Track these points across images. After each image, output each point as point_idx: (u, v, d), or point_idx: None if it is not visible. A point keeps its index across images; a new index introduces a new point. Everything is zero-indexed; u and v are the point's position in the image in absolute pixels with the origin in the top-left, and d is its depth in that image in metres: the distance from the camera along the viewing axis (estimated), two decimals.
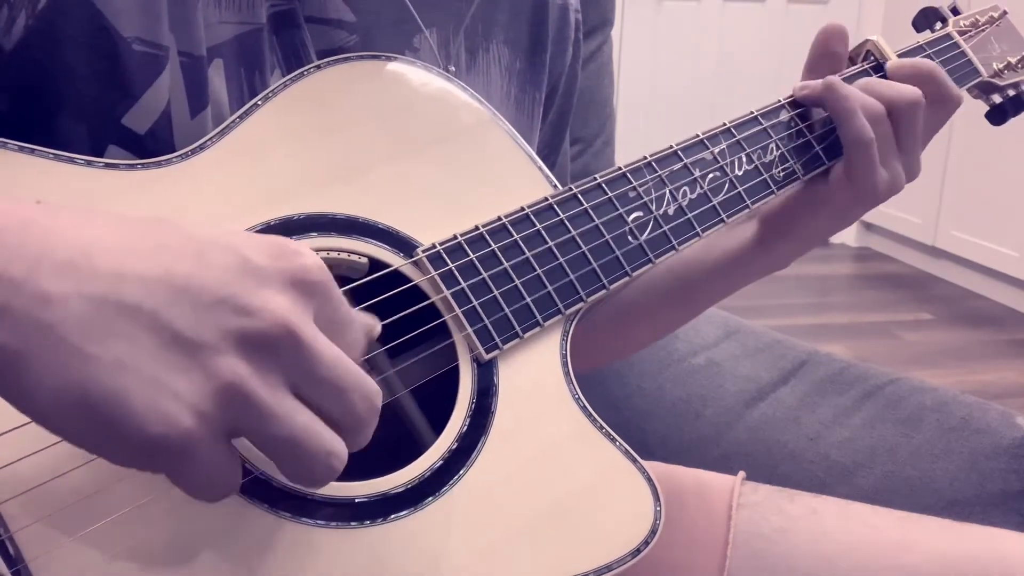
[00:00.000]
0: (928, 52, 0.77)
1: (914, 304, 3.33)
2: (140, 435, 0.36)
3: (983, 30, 0.82)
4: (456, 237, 0.56)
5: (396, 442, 0.55)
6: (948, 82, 0.71)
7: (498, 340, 0.55)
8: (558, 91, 0.77)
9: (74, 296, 0.36)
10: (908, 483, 0.89)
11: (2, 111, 0.53)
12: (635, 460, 0.56)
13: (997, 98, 0.84)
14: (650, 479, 0.55)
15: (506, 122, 0.63)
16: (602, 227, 0.61)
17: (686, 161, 0.65)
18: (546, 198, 0.60)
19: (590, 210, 0.61)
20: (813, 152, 0.70)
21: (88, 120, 0.54)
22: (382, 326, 0.48)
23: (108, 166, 0.50)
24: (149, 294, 0.37)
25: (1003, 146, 3.12)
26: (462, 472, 0.52)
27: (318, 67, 0.58)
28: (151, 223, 0.40)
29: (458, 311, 0.55)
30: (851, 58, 0.75)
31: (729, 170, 0.67)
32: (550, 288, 0.58)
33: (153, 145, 0.55)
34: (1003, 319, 3.20)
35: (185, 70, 0.56)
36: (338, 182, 0.56)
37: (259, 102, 0.55)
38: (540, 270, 0.58)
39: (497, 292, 0.56)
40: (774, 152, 0.69)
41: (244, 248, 0.39)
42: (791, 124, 0.70)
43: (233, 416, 0.38)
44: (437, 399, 0.55)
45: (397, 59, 0.61)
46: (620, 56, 3.63)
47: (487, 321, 0.55)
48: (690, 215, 0.64)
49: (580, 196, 0.61)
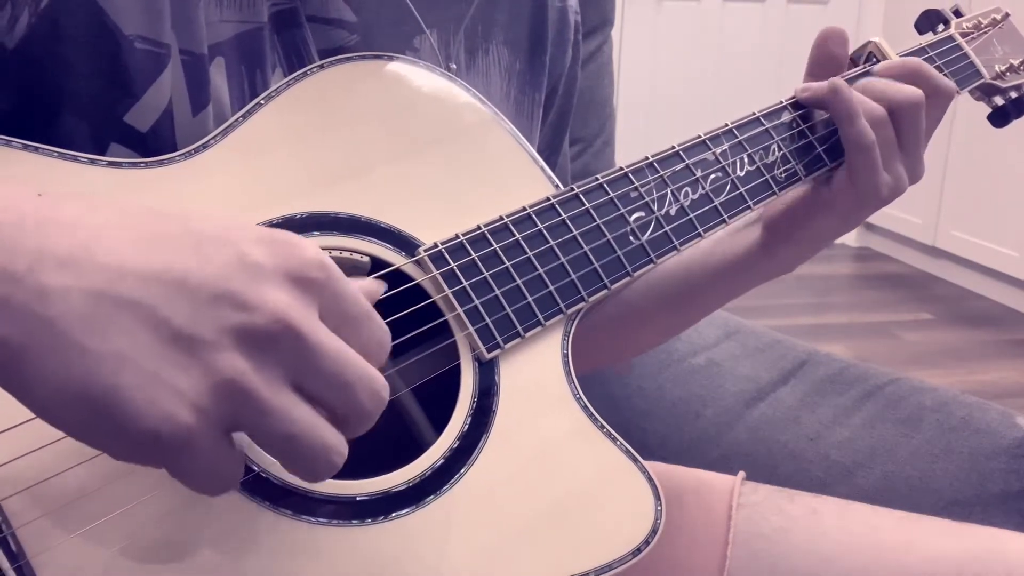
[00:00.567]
0: (930, 54, 0.77)
1: (914, 304, 3.33)
2: (139, 430, 0.36)
3: (985, 32, 0.82)
4: (458, 236, 0.56)
5: (397, 441, 0.55)
6: (936, 75, 0.71)
7: (499, 339, 0.55)
8: (558, 92, 0.77)
9: (74, 290, 0.36)
10: (908, 483, 0.89)
11: (5, 109, 0.54)
12: (636, 460, 0.56)
13: (999, 100, 0.84)
14: (651, 478, 0.55)
15: (508, 122, 0.63)
16: (604, 227, 0.61)
17: (688, 161, 0.65)
18: (548, 198, 0.60)
19: (592, 210, 0.61)
20: (815, 153, 0.70)
21: (90, 118, 0.54)
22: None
23: (111, 164, 0.50)
24: (148, 289, 0.37)
25: (1003, 146, 3.12)
26: (463, 471, 0.52)
27: (321, 66, 0.58)
28: (153, 215, 0.40)
29: (460, 310, 0.55)
30: (853, 60, 0.75)
31: (731, 171, 0.67)
32: (551, 288, 0.58)
33: (155, 143, 0.55)
34: (1003, 319, 3.20)
35: (186, 68, 0.56)
36: (340, 181, 0.56)
37: (262, 101, 0.55)
38: (541, 270, 0.58)
39: (499, 291, 0.56)
40: (776, 153, 0.69)
41: (244, 243, 0.39)
42: (793, 125, 0.70)
43: (232, 411, 0.38)
44: (438, 398, 0.55)
45: (399, 59, 0.61)
46: (620, 56, 3.63)
47: (488, 320, 0.55)
48: (692, 215, 0.64)
49: (582, 196, 0.61)
